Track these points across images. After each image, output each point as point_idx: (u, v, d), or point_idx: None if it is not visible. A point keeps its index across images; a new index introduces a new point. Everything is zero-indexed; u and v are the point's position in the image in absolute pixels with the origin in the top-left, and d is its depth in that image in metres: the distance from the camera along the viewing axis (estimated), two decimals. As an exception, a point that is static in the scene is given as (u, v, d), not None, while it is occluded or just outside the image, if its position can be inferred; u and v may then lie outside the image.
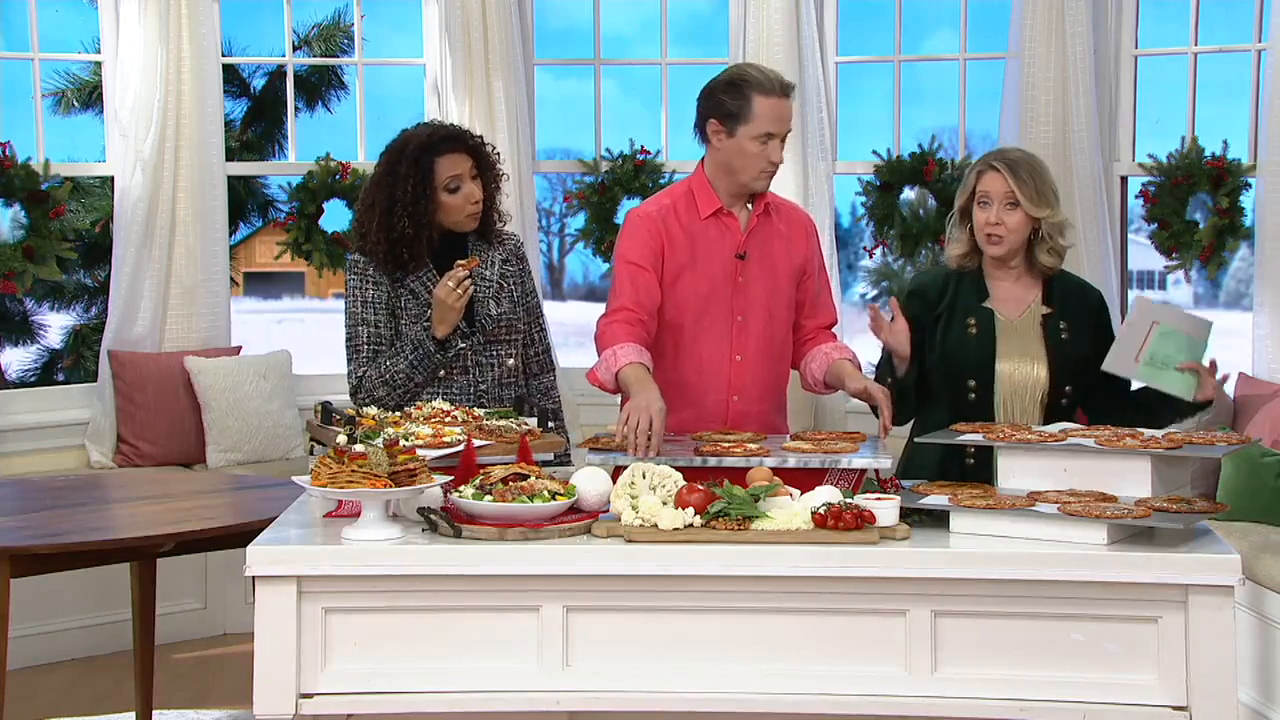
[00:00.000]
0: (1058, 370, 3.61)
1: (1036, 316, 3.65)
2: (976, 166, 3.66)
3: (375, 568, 2.80)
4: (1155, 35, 5.92)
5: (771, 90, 3.55)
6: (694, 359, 3.67)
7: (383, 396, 3.67)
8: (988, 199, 3.61)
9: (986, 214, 3.61)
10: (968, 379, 3.63)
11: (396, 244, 3.67)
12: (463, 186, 3.70)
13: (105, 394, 5.79)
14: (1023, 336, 3.64)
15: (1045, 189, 3.61)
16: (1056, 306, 3.66)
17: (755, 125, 3.55)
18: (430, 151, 3.68)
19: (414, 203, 3.65)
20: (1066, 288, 3.71)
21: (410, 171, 3.66)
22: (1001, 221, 3.59)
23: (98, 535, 3.61)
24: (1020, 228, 3.61)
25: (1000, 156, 3.64)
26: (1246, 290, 6.28)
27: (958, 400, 3.64)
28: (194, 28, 5.82)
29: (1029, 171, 3.60)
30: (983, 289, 3.69)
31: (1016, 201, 3.58)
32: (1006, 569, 2.77)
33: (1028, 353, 3.62)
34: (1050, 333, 3.63)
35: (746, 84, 3.56)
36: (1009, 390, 3.61)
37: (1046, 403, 3.61)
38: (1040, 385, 3.61)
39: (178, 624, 5.39)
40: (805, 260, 3.78)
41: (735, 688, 2.80)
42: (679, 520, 2.83)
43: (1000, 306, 3.68)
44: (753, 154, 3.58)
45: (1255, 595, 4.22)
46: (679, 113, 6.32)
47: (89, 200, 6.76)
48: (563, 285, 14.65)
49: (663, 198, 3.74)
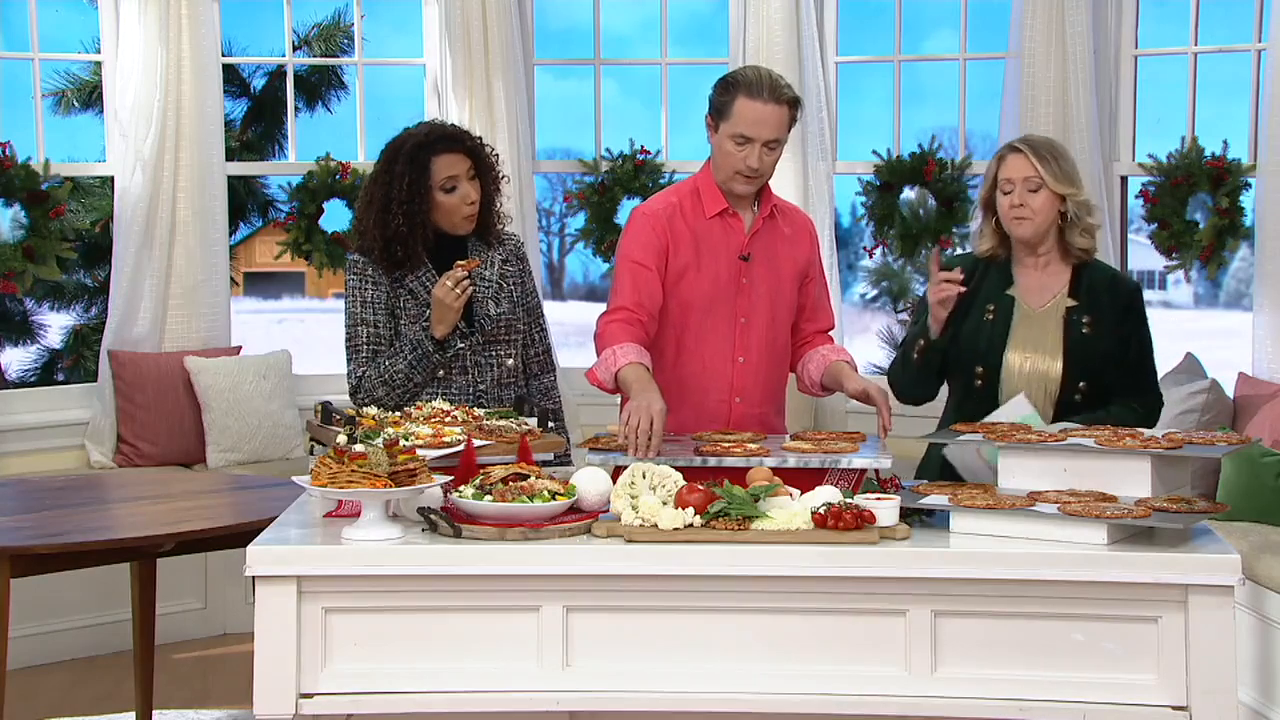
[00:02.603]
0: (1072, 365, 3.56)
1: (1060, 308, 3.60)
2: (997, 154, 3.63)
3: (375, 568, 2.80)
4: (1155, 35, 5.93)
5: (757, 94, 3.50)
6: (697, 359, 3.66)
7: (382, 396, 3.66)
8: (1010, 184, 3.57)
9: (1010, 198, 3.57)
10: (975, 365, 3.61)
11: (391, 242, 3.67)
12: (459, 187, 3.69)
13: (105, 394, 5.79)
14: (1042, 327, 3.60)
15: (1069, 167, 3.58)
16: (1083, 299, 3.61)
17: (732, 124, 3.52)
18: (427, 150, 3.67)
19: (409, 201, 3.64)
20: (1096, 280, 3.64)
21: (406, 170, 3.65)
22: (1025, 203, 3.55)
23: (98, 535, 3.61)
24: (1046, 208, 3.56)
25: (1020, 139, 3.64)
26: (1246, 290, 6.28)
27: (965, 388, 3.63)
28: (194, 28, 5.82)
29: (1050, 151, 3.58)
30: (1008, 277, 3.66)
31: (1040, 183, 3.54)
32: (1006, 569, 2.77)
33: (1044, 344, 3.58)
34: (1071, 326, 3.58)
35: (736, 83, 3.54)
36: (1018, 381, 3.56)
37: (1059, 397, 3.56)
38: (1053, 379, 3.56)
39: (178, 624, 5.39)
40: (808, 263, 3.77)
41: (735, 688, 2.80)
42: (679, 520, 2.83)
43: (1024, 295, 3.63)
44: (728, 153, 3.55)
45: (1255, 595, 4.22)
46: (679, 113, 6.32)
47: (89, 200, 6.75)
48: (563, 285, 14.64)
49: (669, 195, 3.72)
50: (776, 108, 3.52)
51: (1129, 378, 3.60)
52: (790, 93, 3.56)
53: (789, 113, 3.56)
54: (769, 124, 3.52)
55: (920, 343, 3.61)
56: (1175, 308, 18.56)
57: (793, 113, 3.57)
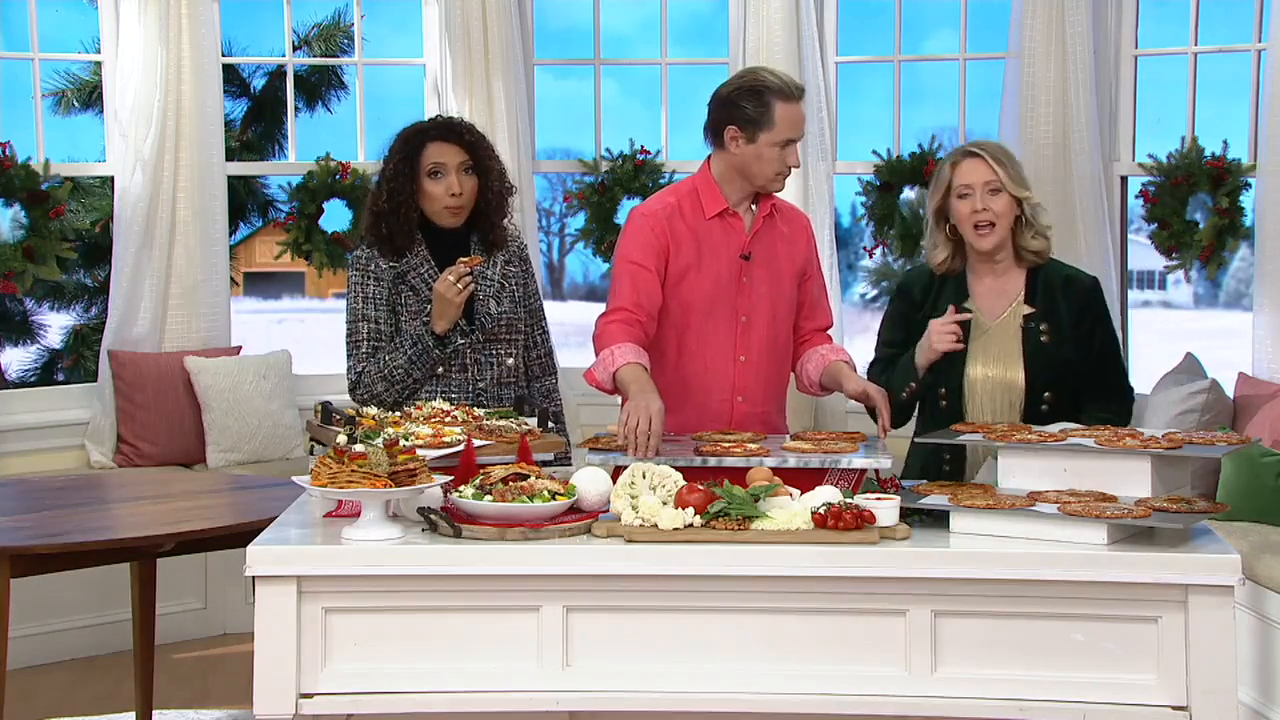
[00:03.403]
0: (1034, 375, 3.54)
1: (1017, 317, 3.58)
2: (948, 161, 3.60)
3: (375, 568, 2.80)
4: (1155, 35, 5.92)
5: (791, 96, 3.56)
6: (699, 359, 3.66)
7: (381, 392, 3.67)
8: (969, 190, 3.54)
9: (970, 203, 3.54)
10: (939, 387, 3.59)
11: (378, 218, 3.78)
12: (445, 176, 3.74)
13: (105, 394, 5.79)
14: (1000, 338, 3.58)
15: (1020, 170, 3.59)
16: (1040, 305, 3.59)
17: (778, 132, 3.55)
18: (422, 135, 3.78)
19: (394, 179, 3.76)
20: (1052, 281, 3.61)
21: (400, 150, 3.78)
22: (988, 208, 3.53)
23: (98, 535, 3.62)
24: (1006, 213, 3.54)
25: (973, 144, 3.61)
26: (1246, 290, 6.28)
27: (932, 407, 3.61)
28: (194, 28, 5.82)
29: (1004, 154, 3.58)
30: (964, 290, 3.64)
31: (999, 186, 3.53)
32: (1006, 569, 2.77)
33: (1004, 356, 3.56)
34: (1029, 335, 3.56)
35: (768, 90, 3.55)
36: (981, 395, 3.56)
37: (1024, 409, 3.54)
38: (1016, 390, 3.54)
39: (178, 624, 5.39)
40: (806, 261, 3.78)
41: (735, 688, 2.80)
42: (679, 520, 2.83)
43: (981, 307, 3.61)
44: (771, 159, 3.58)
45: (1255, 595, 4.22)
46: (679, 113, 6.32)
47: (89, 200, 6.76)
48: (563, 285, 14.63)
49: (667, 195, 3.72)
50: (803, 104, 3.62)
51: (1096, 380, 3.58)
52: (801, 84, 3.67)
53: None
54: (803, 120, 3.63)
55: (911, 386, 3.59)
56: (1175, 308, 18.57)
57: None
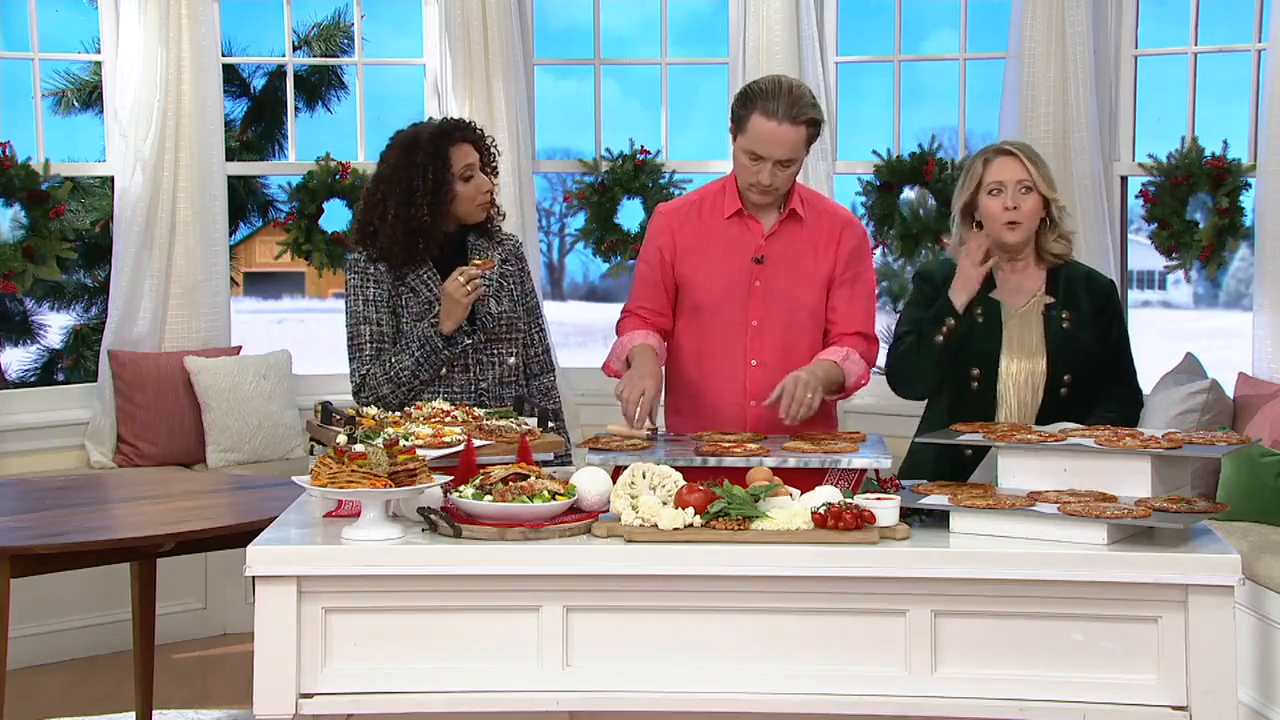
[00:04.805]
0: (1056, 360, 3.58)
1: (1039, 306, 3.63)
2: (980, 157, 3.61)
3: (375, 568, 2.80)
4: (1155, 35, 5.92)
5: (772, 113, 3.43)
6: (710, 361, 3.67)
7: (387, 394, 3.67)
8: (1000, 187, 3.56)
9: (1001, 200, 3.56)
10: (972, 367, 3.61)
11: (414, 235, 3.69)
12: (474, 176, 3.76)
13: (105, 394, 5.79)
14: (1023, 326, 3.62)
15: (1050, 173, 3.62)
16: (1060, 295, 3.63)
17: (747, 140, 3.50)
18: (445, 140, 3.74)
19: (434, 190, 3.68)
20: (1073, 277, 3.66)
21: (428, 161, 3.69)
22: (1018, 205, 3.55)
23: (98, 535, 3.62)
24: (1035, 213, 3.57)
25: (1007, 142, 3.64)
26: (1246, 290, 6.27)
27: (960, 389, 3.62)
28: (194, 28, 5.82)
29: (1036, 155, 3.62)
30: (989, 280, 3.65)
31: (1031, 185, 3.55)
32: (1006, 569, 2.77)
33: (1027, 342, 3.60)
34: (1051, 321, 3.60)
35: (754, 98, 3.48)
36: (1009, 381, 3.59)
37: (1045, 394, 3.57)
38: (1039, 375, 3.58)
39: (178, 624, 5.39)
40: (833, 266, 3.66)
41: (735, 688, 2.80)
42: (679, 520, 2.83)
43: (1005, 297, 3.65)
44: (743, 165, 3.55)
45: (1255, 595, 4.22)
46: (679, 113, 6.32)
47: (89, 200, 6.75)
48: (563, 285, 14.61)
49: (698, 191, 3.77)
50: (792, 128, 3.45)
51: (1110, 371, 3.63)
52: (810, 113, 3.48)
53: (806, 133, 3.48)
54: (782, 144, 3.46)
55: (950, 323, 3.52)
56: (1175, 308, 18.56)
57: (811, 132, 3.49)
